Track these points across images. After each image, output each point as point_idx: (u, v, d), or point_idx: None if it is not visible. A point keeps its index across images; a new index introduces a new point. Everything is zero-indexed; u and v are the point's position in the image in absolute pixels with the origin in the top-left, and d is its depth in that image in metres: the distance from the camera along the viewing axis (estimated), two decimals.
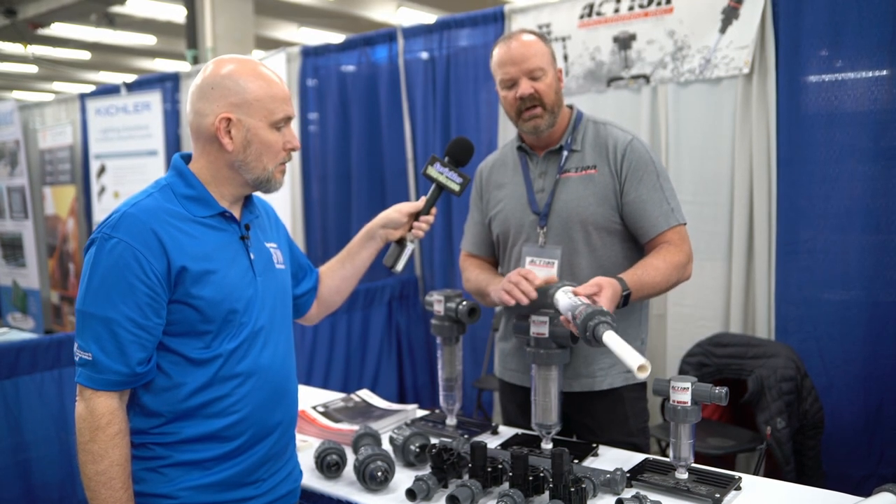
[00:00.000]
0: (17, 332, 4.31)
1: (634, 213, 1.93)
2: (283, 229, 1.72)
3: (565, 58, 3.55)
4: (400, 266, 1.78)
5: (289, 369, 1.57)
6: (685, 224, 1.96)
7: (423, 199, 1.80)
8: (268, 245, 1.58)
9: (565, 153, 1.99)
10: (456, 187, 1.80)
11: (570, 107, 2.06)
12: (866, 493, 1.52)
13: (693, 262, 1.96)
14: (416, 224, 1.78)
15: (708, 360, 2.88)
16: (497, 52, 1.98)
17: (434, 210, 1.81)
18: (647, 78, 3.36)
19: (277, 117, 1.46)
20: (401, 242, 1.78)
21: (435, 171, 1.80)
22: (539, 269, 1.96)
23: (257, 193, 1.57)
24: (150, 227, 1.36)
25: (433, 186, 1.81)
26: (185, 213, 1.42)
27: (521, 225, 2.03)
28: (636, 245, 2.00)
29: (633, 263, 1.96)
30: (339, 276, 1.81)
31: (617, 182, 1.94)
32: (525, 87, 1.92)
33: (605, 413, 2.00)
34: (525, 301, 1.82)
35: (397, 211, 1.79)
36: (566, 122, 2.02)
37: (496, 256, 2.18)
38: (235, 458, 1.45)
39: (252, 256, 1.50)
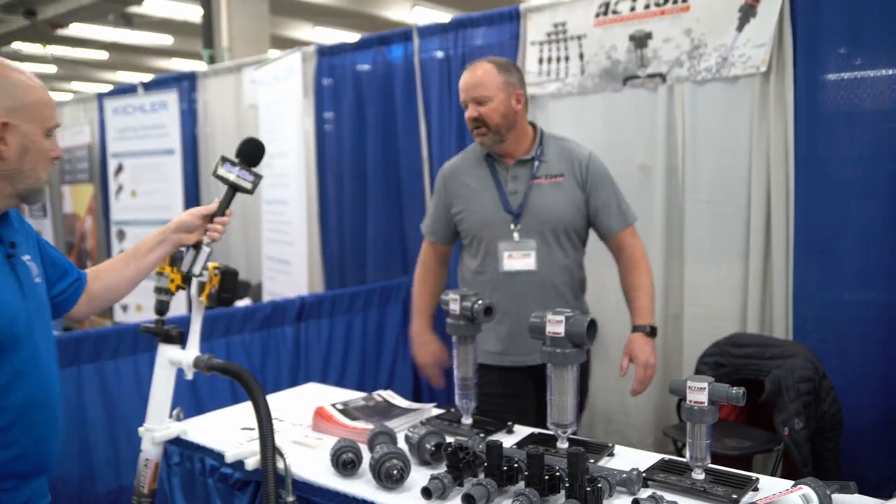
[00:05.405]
0: None
1: (598, 216, 2.34)
2: (32, 232, 1.57)
3: (581, 56, 3.54)
4: (197, 269, 1.73)
5: (56, 393, 1.46)
6: (636, 220, 2.39)
7: (216, 202, 1.77)
8: (24, 258, 1.45)
9: (537, 163, 2.33)
10: (248, 185, 1.76)
11: (533, 125, 2.42)
12: (886, 496, 1.51)
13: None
14: (210, 226, 1.74)
15: (725, 361, 2.86)
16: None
17: (229, 212, 1.77)
18: (663, 77, 3.34)
19: (51, 124, 1.38)
20: (197, 246, 1.75)
21: (225, 170, 1.76)
22: (517, 262, 2.30)
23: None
24: None
25: (227, 188, 1.77)
26: None
27: (493, 222, 2.33)
28: (583, 246, 2.41)
29: (581, 264, 2.41)
30: (118, 275, 1.72)
31: (581, 191, 2.32)
32: (470, 111, 2.29)
33: None
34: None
35: (190, 214, 1.73)
36: (532, 137, 2.38)
37: (451, 244, 2.54)
38: None
39: (20, 277, 1.39)
